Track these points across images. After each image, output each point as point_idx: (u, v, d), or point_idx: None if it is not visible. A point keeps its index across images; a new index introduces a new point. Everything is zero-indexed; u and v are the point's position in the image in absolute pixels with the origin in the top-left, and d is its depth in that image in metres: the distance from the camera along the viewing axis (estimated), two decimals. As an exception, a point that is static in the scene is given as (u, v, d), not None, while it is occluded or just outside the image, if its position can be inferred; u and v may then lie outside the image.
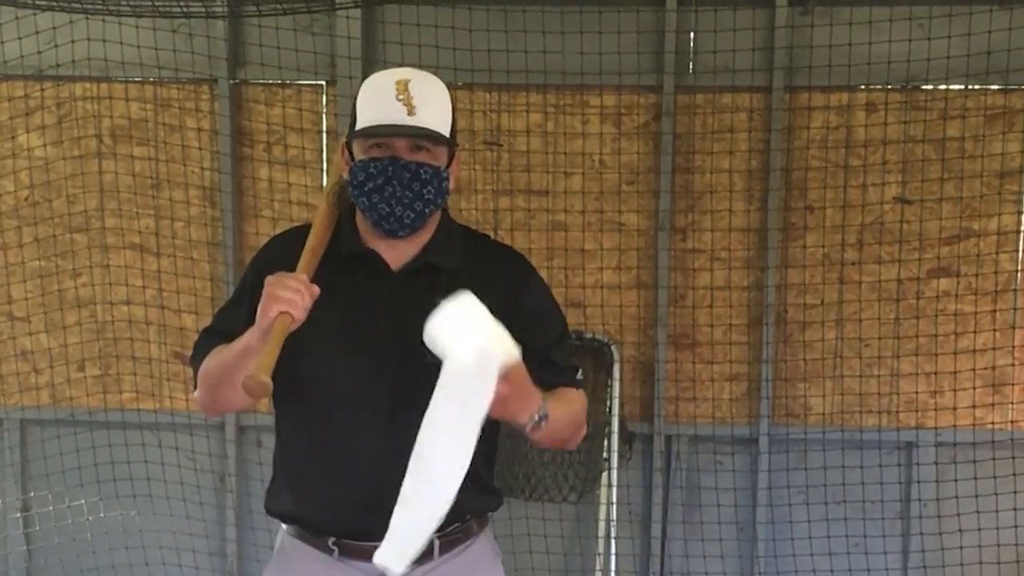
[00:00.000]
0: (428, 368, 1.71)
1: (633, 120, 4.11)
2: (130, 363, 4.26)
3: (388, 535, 1.75)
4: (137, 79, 4.12)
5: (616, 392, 4.13)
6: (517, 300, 2.00)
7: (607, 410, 4.14)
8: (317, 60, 4.03)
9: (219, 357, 1.95)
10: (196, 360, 2.04)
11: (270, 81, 4.11)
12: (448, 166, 1.98)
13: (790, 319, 4.15)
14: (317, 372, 1.95)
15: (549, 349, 2.03)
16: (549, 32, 3.95)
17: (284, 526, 2.11)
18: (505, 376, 1.69)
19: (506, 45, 3.95)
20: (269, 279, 1.82)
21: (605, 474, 4.11)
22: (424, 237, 2.00)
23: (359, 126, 1.92)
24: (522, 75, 3.98)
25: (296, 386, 1.96)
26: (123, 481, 4.26)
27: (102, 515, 4.25)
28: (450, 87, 2.03)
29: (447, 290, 1.89)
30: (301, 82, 4.08)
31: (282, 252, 2.01)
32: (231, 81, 4.10)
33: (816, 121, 4.05)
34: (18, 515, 4.36)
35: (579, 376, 2.10)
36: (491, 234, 4.06)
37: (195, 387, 2.05)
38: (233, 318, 2.01)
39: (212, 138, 4.14)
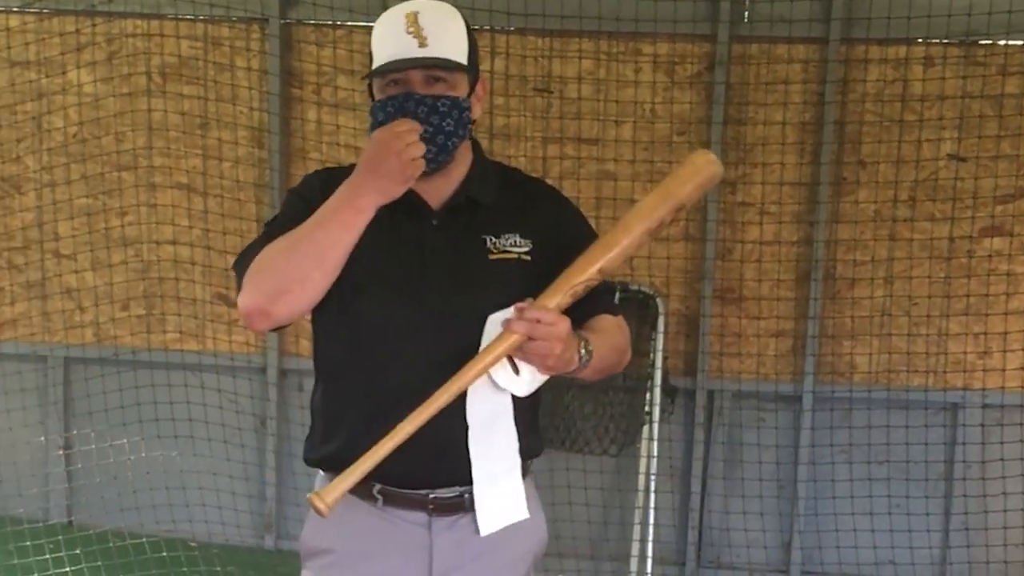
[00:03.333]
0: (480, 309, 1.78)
1: (686, 69, 4.06)
2: (174, 303, 4.27)
3: (478, 509, 1.90)
4: (188, 17, 4.13)
5: (660, 345, 4.10)
6: (556, 230, 1.96)
7: (650, 363, 4.11)
8: (369, 1, 3.98)
9: (306, 231, 1.80)
10: (247, 261, 1.86)
11: (321, 21, 4.10)
12: (470, 94, 1.89)
13: (838, 275, 4.11)
14: (368, 313, 1.89)
15: None
16: (604, -23, 3.91)
17: (324, 475, 2.00)
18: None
19: (560, -11, 3.91)
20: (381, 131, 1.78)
21: (646, 427, 4.08)
22: (460, 171, 1.93)
23: (374, 65, 1.86)
24: (575, 20, 3.94)
25: (345, 326, 1.91)
26: (165, 421, 4.28)
27: (143, 455, 4.27)
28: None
29: (488, 226, 1.90)
30: (352, 23, 4.06)
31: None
32: (282, 21, 4.10)
33: (872, 74, 4.00)
34: (60, 453, 4.39)
35: (616, 300, 2.04)
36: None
37: (240, 291, 1.86)
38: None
39: (261, 78, 4.14)
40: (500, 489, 1.91)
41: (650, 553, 4.08)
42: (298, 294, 1.80)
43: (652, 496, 4.07)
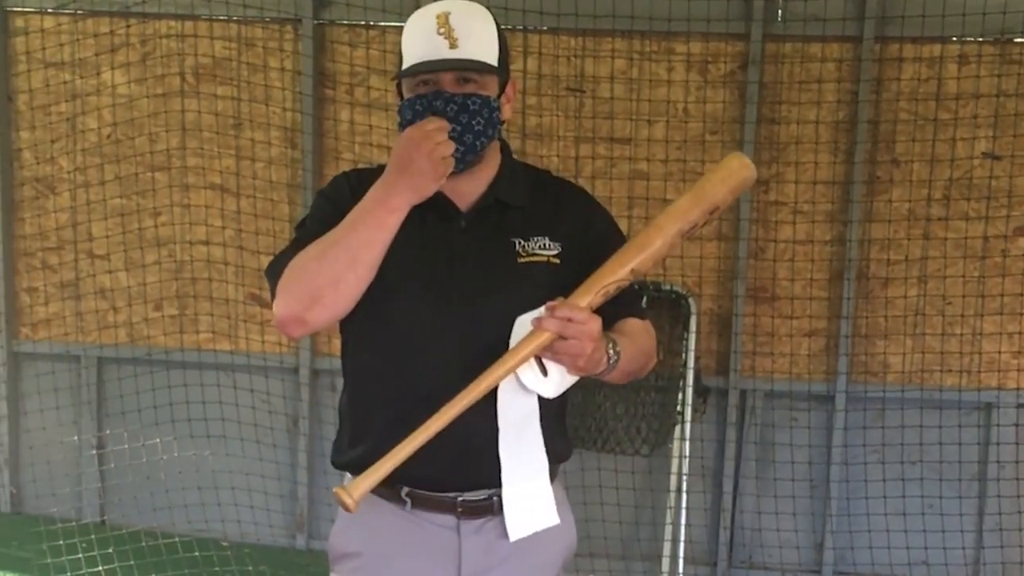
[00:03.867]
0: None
1: (719, 68, 4.06)
2: (207, 303, 4.29)
3: (507, 514, 1.89)
4: (222, 17, 4.14)
5: (692, 345, 4.09)
6: (585, 232, 1.96)
7: (682, 363, 4.10)
8: (402, 1, 3.99)
9: (339, 234, 1.78)
10: (279, 269, 1.85)
11: (354, 22, 4.11)
12: (499, 95, 1.90)
13: (872, 275, 4.09)
14: (396, 315, 1.89)
15: None
16: (637, -24, 3.90)
17: (351, 478, 1.94)
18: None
19: (593, -11, 3.91)
20: (409, 131, 1.75)
21: (678, 427, 4.08)
22: (488, 173, 1.93)
23: (404, 65, 1.85)
24: (608, 20, 3.94)
25: (373, 329, 1.90)
26: (197, 421, 4.29)
27: (176, 454, 4.28)
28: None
29: (517, 229, 1.89)
30: (385, 23, 4.08)
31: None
32: (315, 21, 4.11)
33: (906, 73, 3.99)
34: (93, 452, 4.41)
35: (643, 304, 2.05)
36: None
37: (273, 299, 1.84)
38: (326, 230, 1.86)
39: (294, 79, 4.15)
40: (530, 494, 1.90)
41: (682, 553, 4.07)
42: (333, 298, 1.79)
43: (684, 496, 4.06)
